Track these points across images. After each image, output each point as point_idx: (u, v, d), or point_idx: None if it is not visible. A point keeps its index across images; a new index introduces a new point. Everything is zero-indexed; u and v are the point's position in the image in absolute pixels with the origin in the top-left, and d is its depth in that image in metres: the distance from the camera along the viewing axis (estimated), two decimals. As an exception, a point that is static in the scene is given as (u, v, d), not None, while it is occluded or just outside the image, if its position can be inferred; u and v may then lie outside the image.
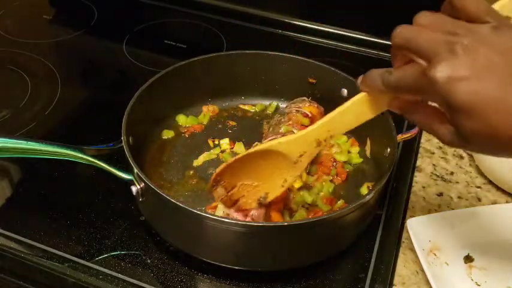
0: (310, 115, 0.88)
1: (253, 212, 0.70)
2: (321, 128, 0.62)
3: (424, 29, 0.50)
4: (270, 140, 0.75)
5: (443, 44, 0.48)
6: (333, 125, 0.62)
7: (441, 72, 0.46)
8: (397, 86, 0.52)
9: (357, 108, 0.58)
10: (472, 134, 0.47)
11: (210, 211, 0.76)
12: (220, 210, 0.72)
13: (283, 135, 0.84)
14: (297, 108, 0.89)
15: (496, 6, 0.55)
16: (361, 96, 0.58)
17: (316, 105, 0.91)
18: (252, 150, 0.67)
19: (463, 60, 0.46)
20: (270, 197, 0.70)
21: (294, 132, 0.84)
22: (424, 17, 0.51)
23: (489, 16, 0.49)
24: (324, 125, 0.62)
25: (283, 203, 0.76)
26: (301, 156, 0.66)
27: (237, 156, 0.68)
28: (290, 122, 0.86)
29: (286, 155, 0.66)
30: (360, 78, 0.58)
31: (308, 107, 0.90)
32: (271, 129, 0.88)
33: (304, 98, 0.93)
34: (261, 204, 0.70)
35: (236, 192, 0.70)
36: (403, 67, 0.52)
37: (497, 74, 0.46)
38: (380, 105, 0.58)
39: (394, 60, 0.55)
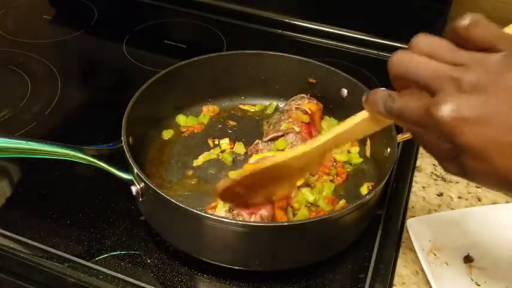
0: (309, 112, 0.89)
1: (263, 212, 0.70)
2: (326, 143, 0.62)
3: (424, 57, 0.45)
4: (271, 156, 0.76)
5: (449, 78, 0.43)
6: (338, 140, 0.61)
7: (446, 112, 0.42)
8: (399, 116, 0.47)
9: (363, 124, 0.56)
10: (476, 173, 0.44)
11: (210, 211, 0.76)
12: (221, 210, 0.72)
13: (285, 132, 0.84)
14: (296, 106, 0.89)
15: (510, 29, 0.47)
16: (364, 114, 0.55)
17: (315, 102, 0.91)
18: (258, 167, 0.68)
19: (471, 100, 0.42)
20: (277, 196, 0.72)
21: (295, 130, 0.84)
22: (423, 42, 0.46)
23: (501, 43, 0.43)
24: (329, 141, 0.62)
25: (286, 201, 0.76)
26: (307, 164, 0.66)
27: (241, 175, 0.68)
28: (290, 120, 0.86)
29: (292, 166, 0.66)
30: (364, 97, 0.52)
31: (307, 103, 0.90)
32: (271, 127, 0.88)
33: (303, 95, 0.93)
34: (269, 201, 0.72)
35: (245, 196, 0.70)
36: (406, 96, 0.47)
37: (507, 117, 0.41)
38: (386, 121, 0.55)
39: (395, 86, 0.49)
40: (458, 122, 0.42)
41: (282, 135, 0.84)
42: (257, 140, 0.87)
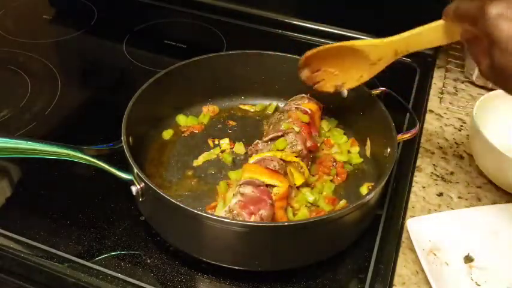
0: (309, 112, 0.88)
1: (263, 212, 0.70)
2: (401, 40, 0.74)
3: None
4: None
5: None
6: (411, 41, 0.73)
7: (495, 8, 0.55)
8: (462, 13, 0.61)
9: (434, 32, 0.70)
10: (503, 68, 0.55)
11: (210, 211, 0.76)
12: (221, 210, 0.72)
13: (284, 132, 0.84)
14: (296, 106, 0.89)
15: None
16: (439, 22, 0.69)
17: (315, 102, 0.91)
18: (340, 43, 0.80)
19: None
20: (346, 87, 0.84)
21: (294, 130, 0.84)
22: None
23: None
24: (405, 39, 0.74)
25: (286, 201, 0.76)
26: (379, 60, 0.78)
27: (327, 45, 0.81)
28: (290, 120, 0.86)
29: (368, 55, 0.78)
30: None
31: (307, 104, 0.90)
32: (271, 127, 0.88)
33: (303, 95, 0.93)
34: (336, 90, 0.85)
35: (319, 75, 0.84)
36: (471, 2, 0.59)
37: None
38: (453, 34, 0.68)
39: None
40: (500, 18, 0.54)
41: (282, 135, 0.84)
42: (257, 140, 0.87)
